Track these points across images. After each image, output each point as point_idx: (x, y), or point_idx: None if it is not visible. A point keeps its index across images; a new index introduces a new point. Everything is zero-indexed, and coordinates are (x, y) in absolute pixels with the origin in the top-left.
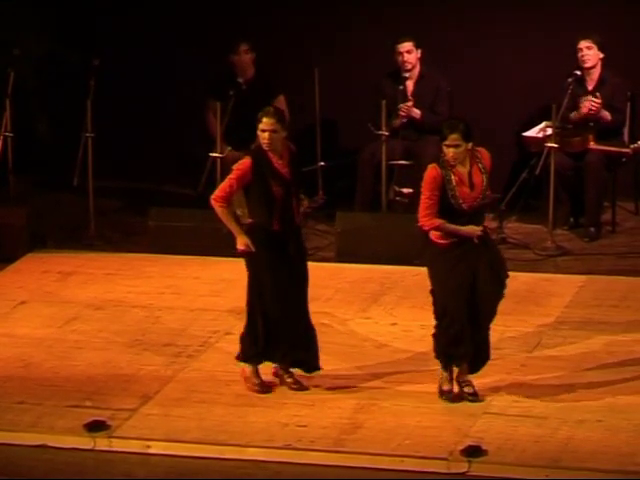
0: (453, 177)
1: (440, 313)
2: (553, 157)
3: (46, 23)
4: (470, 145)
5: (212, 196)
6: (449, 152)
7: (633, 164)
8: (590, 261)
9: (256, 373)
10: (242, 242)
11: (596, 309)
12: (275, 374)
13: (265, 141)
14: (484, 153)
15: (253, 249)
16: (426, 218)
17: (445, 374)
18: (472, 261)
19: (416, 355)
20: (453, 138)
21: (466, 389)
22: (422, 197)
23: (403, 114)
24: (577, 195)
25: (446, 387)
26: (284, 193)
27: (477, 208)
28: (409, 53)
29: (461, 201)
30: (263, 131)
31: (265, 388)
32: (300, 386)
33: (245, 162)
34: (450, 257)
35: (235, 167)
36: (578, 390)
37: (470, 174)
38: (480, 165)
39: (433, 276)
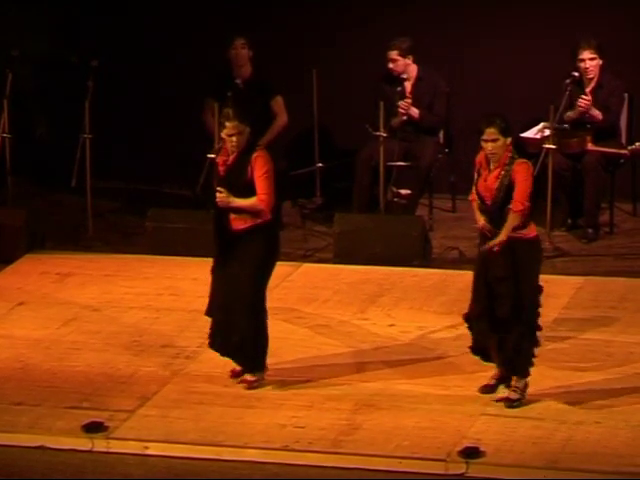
0: (482, 169)
1: None
2: (551, 158)
3: (45, 24)
4: (509, 140)
5: None
6: (487, 146)
7: (631, 165)
8: (588, 262)
9: None
10: None
11: (594, 310)
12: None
13: (233, 144)
14: (519, 166)
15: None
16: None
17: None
18: (489, 258)
19: (414, 356)
20: (490, 132)
21: (500, 392)
22: None
23: (403, 111)
24: (575, 196)
25: (484, 382)
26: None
27: (492, 210)
28: (394, 62)
29: (476, 193)
30: (230, 136)
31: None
32: (248, 383)
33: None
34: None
35: None
36: (576, 391)
37: (487, 176)
38: (504, 174)
39: None
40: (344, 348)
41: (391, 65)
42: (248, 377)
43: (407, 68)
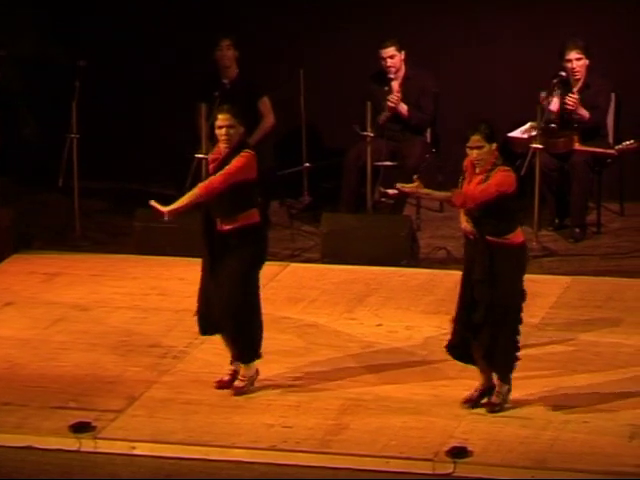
0: (468, 174)
1: None
2: (538, 158)
3: (32, 24)
4: (495, 146)
5: None
6: (472, 153)
7: (618, 165)
8: (575, 262)
9: None
10: None
11: (581, 310)
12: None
13: (222, 137)
14: (497, 172)
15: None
16: None
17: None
18: (472, 257)
19: (401, 356)
20: (475, 139)
21: (487, 398)
22: None
23: (392, 104)
24: (562, 196)
25: (467, 393)
26: None
27: (474, 214)
28: (392, 58)
29: None
30: (219, 128)
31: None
32: (235, 390)
33: None
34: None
35: None
36: (564, 391)
37: (471, 180)
38: (485, 180)
39: None
40: (331, 348)
41: (389, 62)
42: (237, 383)
43: (401, 64)
